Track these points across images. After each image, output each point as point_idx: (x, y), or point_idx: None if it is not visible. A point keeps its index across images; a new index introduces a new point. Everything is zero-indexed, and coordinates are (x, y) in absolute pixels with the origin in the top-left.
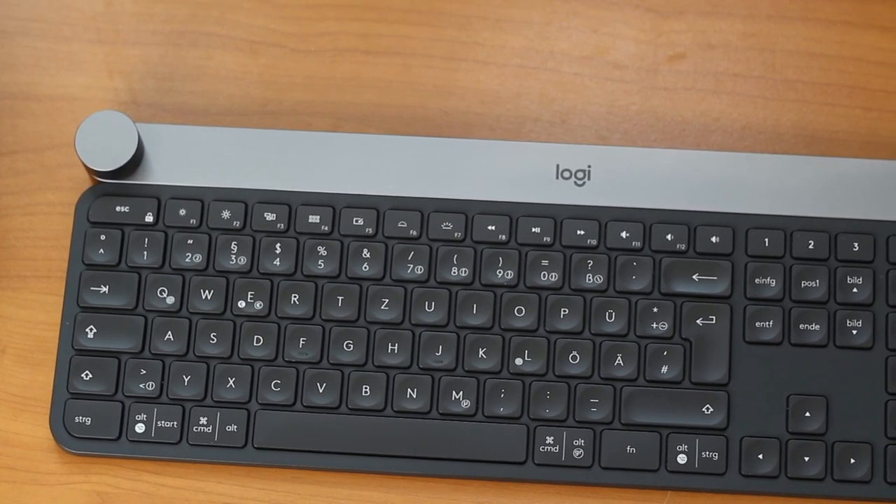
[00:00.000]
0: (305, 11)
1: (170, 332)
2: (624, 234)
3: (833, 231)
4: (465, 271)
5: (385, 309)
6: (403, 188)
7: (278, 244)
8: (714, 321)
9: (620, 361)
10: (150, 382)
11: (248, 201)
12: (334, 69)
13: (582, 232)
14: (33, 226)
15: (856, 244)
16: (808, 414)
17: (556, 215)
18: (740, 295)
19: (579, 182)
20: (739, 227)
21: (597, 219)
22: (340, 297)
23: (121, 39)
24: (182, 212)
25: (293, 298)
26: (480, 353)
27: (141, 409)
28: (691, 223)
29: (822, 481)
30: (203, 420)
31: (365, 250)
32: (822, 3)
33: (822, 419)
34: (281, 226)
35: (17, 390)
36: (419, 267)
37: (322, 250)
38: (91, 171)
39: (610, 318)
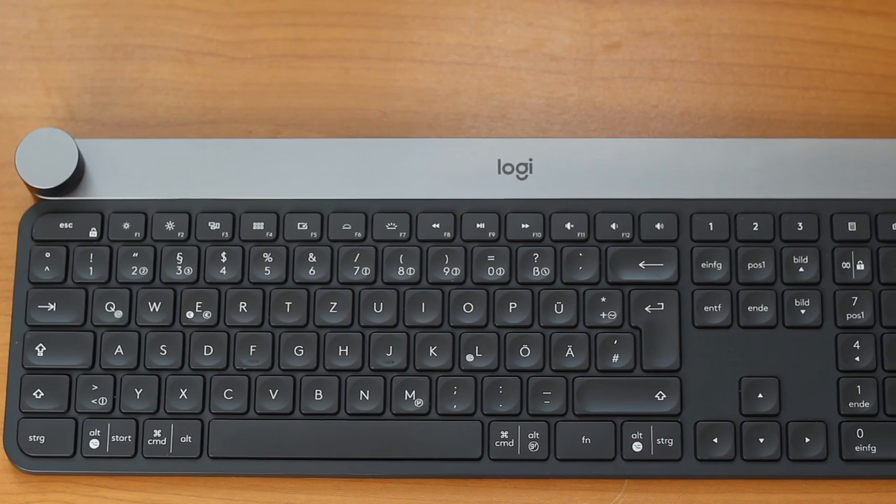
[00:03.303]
0: (239, 19)
1: (119, 347)
2: (568, 226)
3: (776, 212)
4: (412, 270)
5: (333, 312)
6: (346, 191)
7: (224, 253)
8: (662, 307)
9: (571, 353)
10: (102, 397)
11: (191, 211)
12: (271, 75)
13: (526, 225)
14: None
15: (800, 224)
16: (760, 395)
17: (500, 210)
18: (687, 280)
19: (521, 176)
20: (683, 212)
21: (541, 211)
22: (288, 303)
23: (56, 56)
24: (126, 225)
25: (241, 306)
26: (431, 351)
27: (94, 424)
28: (635, 211)
29: (778, 462)
30: (157, 432)
31: (311, 255)
32: None
33: (775, 400)
34: (225, 234)
35: None
36: (366, 269)
37: (268, 257)
38: (33, 190)
39: (558, 309)
